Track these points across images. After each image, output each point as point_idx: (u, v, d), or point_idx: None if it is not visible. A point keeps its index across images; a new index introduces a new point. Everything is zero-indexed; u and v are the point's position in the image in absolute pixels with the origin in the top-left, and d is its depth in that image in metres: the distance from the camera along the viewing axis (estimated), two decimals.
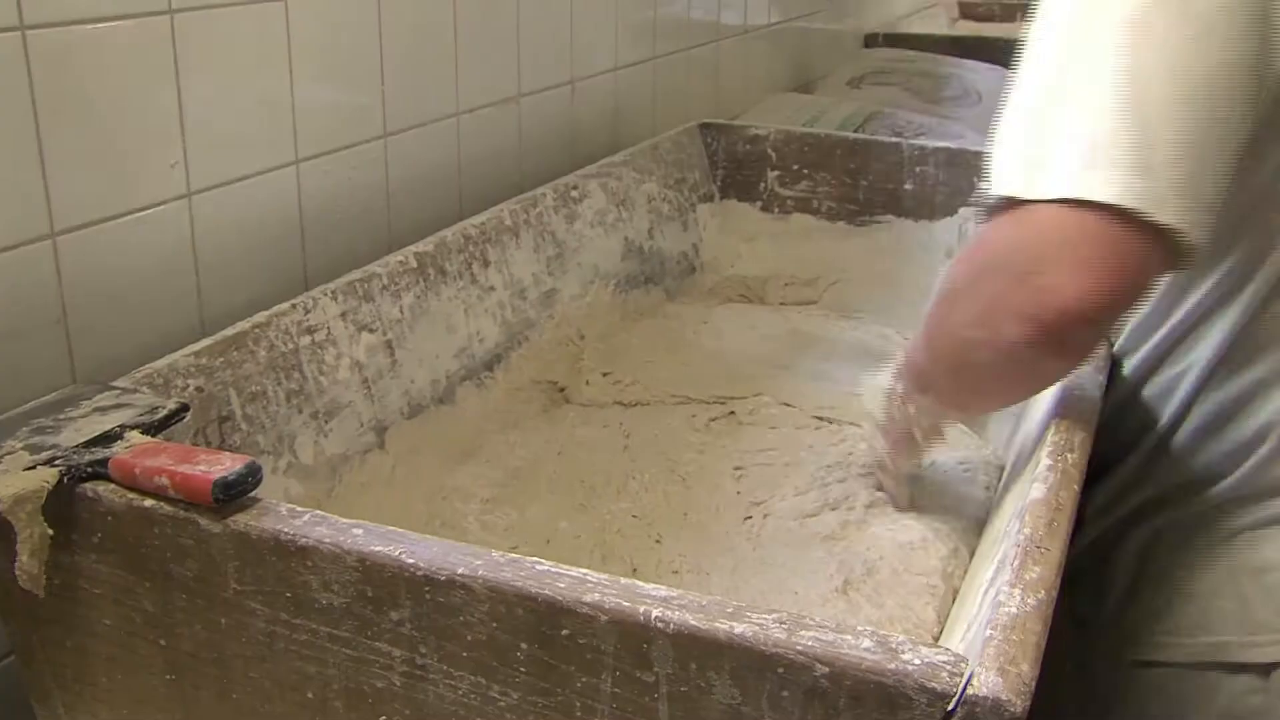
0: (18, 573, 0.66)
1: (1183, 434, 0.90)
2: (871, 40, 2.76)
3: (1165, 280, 0.89)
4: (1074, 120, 0.71)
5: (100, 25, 0.86)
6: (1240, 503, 0.86)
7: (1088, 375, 0.87)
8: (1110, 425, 0.90)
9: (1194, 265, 0.71)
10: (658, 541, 0.94)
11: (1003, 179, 0.74)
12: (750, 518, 0.97)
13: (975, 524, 0.95)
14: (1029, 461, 0.80)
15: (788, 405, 1.16)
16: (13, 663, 0.78)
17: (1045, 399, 0.89)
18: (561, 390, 1.21)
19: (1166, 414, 0.91)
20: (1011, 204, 0.72)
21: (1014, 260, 0.72)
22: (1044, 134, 0.72)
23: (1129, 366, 0.95)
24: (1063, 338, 0.71)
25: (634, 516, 0.98)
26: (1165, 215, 0.68)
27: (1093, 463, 0.78)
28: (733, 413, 1.15)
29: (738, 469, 1.04)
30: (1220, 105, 0.70)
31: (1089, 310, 0.69)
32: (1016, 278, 0.71)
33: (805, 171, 1.61)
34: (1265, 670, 0.84)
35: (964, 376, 0.82)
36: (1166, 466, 0.91)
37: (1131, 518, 0.93)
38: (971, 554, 0.90)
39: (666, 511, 0.98)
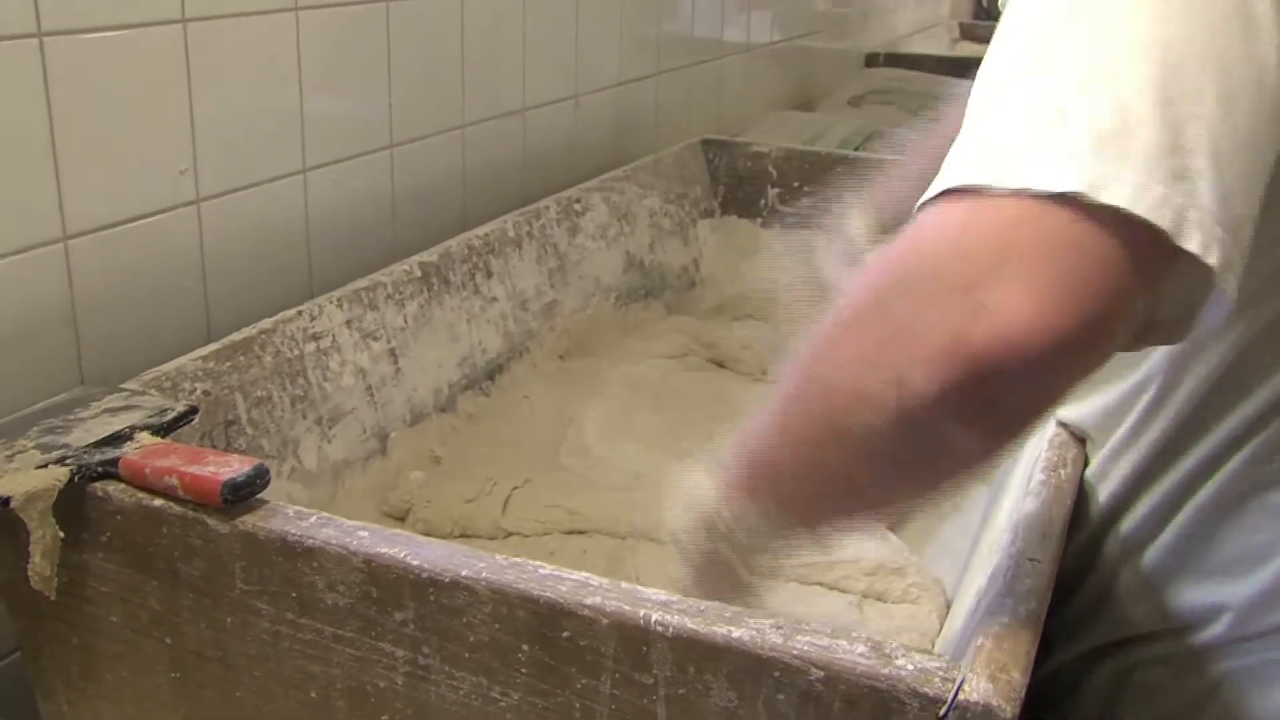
0: (30, 574, 0.67)
1: (1164, 555, 0.75)
2: (873, 60, 2.77)
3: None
4: (1074, 93, 0.48)
5: (115, 33, 0.87)
6: (1233, 645, 0.72)
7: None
8: (1083, 546, 0.78)
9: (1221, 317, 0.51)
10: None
11: (957, 167, 0.50)
12: None
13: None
14: (1023, 475, 0.81)
15: None
16: (19, 659, 0.79)
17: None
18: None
19: (1144, 529, 0.76)
20: (955, 198, 0.49)
21: (945, 270, 0.48)
22: (1024, 109, 0.49)
23: (1105, 491, 0.78)
24: (994, 390, 0.47)
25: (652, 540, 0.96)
26: (1195, 242, 0.46)
27: (1059, 580, 0.66)
28: None
29: None
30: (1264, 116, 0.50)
31: (1040, 344, 0.45)
32: (944, 293, 0.47)
33: (806, 189, 1.62)
34: None
35: (829, 459, 0.54)
36: (1140, 594, 0.76)
37: (1102, 650, 0.79)
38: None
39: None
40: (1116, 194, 0.46)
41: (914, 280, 0.49)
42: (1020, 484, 0.79)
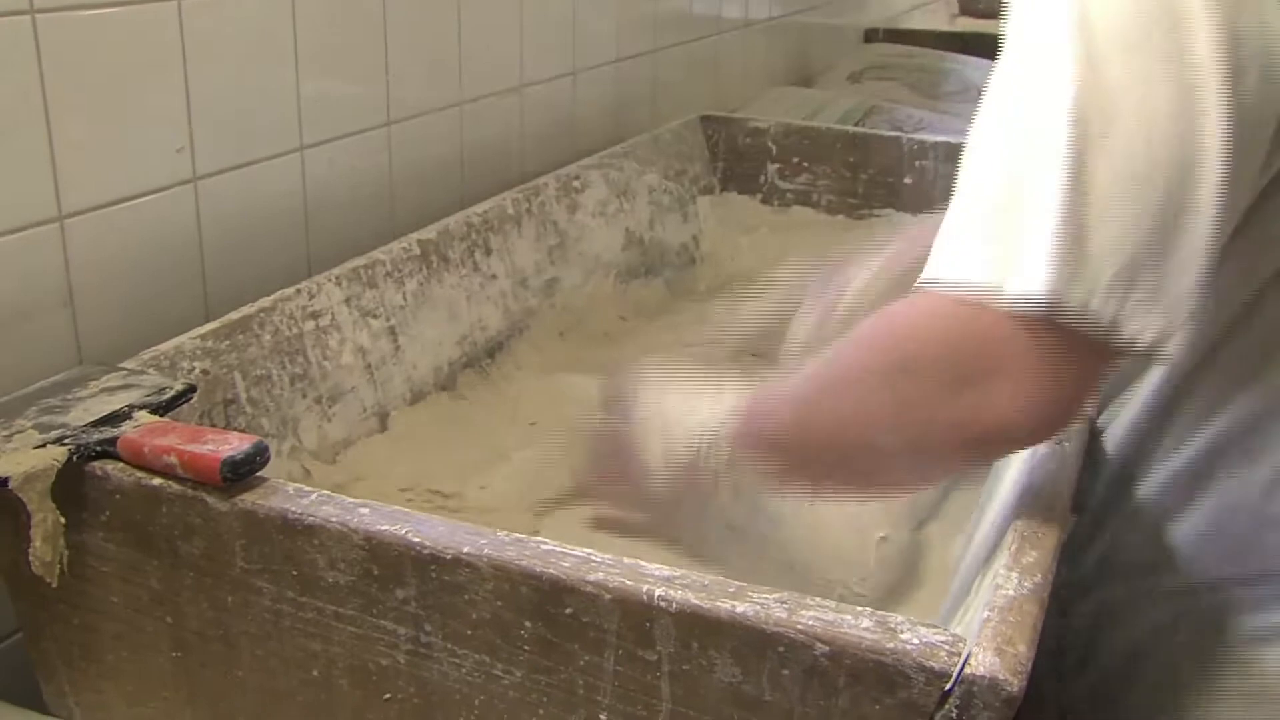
0: (31, 559, 0.66)
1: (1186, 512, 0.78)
2: (872, 35, 2.76)
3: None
4: (1043, 223, 0.57)
5: (109, 10, 0.86)
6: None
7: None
8: (1103, 498, 0.84)
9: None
10: None
11: (949, 260, 0.61)
12: None
13: None
14: None
15: None
16: (19, 640, 0.79)
17: None
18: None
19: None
20: (948, 293, 0.61)
21: (948, 363, 0.61)
22: (1010, 230, 0.59)
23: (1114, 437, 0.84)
24: (998, 450, 0.67)
25: None
26: (1137, 334, 0.57)
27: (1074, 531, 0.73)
28: None
29: None
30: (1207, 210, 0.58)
31: (1033, 427, 0.60)
32: (950, 384, 0.61)
33: (805, 165, 1.62)
34: None
35: (857, 466, 0.69)
36: (1157, 540, 0.80)
37: (1124, 599, 0.83)
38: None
39: None
40: (1074, 308, 0.57)
41: (914, 369, 0.63)
42: (1024, 455, 0.79)
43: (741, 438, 0.74)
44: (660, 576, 0.56)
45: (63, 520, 0.66)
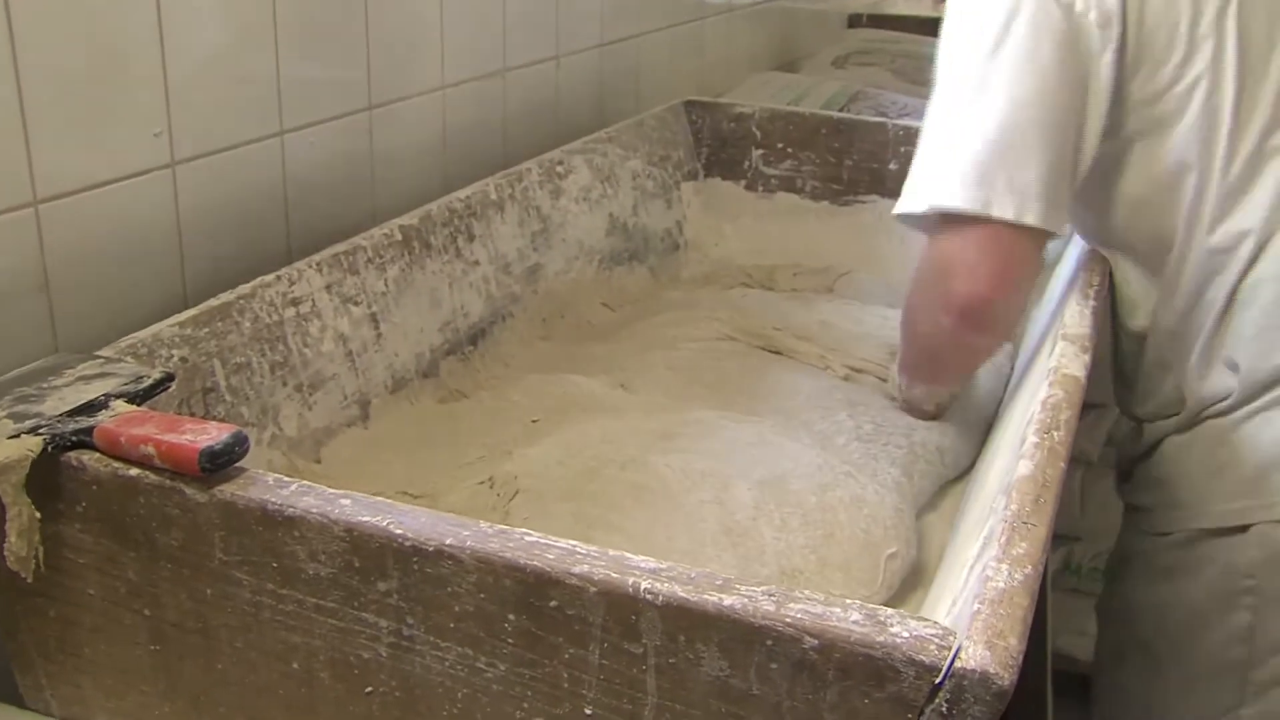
0: (6, 554, 0.65)
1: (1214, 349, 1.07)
2: (855, 20, 2.75)
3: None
4: (956, 151, 0.98)
5: None
6: (1258, 394, 1.04)
7: (1078, 319, 0.96)
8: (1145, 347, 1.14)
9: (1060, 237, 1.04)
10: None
11: (913, 201, 1.01)
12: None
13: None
14: (1016, 436, 0.80)
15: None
16: None
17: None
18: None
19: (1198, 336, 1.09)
20: (931, 220, 1.01)
21: (932, 272, 1.02)
22: (954, 161, 0.98)
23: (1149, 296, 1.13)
24: (978, 320, 0.99)
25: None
26: (1032, 219, 0.95)
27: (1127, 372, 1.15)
28: None
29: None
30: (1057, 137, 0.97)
31: (987, 298, 0.97)
32: (935, 285, 1.01)
33: (790, 150, 1.61)
34: (1274, 523, 1.03)
35: (930, 359, 1.09)
36: (1197, 387, 1.08)
37: (1171, 428, 1.12)
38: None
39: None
40: (950, 203, 0.97)
41: (921, 281, 1.06)
42: (1012, 445, 0.78)
43: (900, 370, 1.14)
44: (646, 569, 0.55)
45: (38, 515, 0.65)
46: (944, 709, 0.51)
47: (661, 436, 0.99)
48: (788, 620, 0.52)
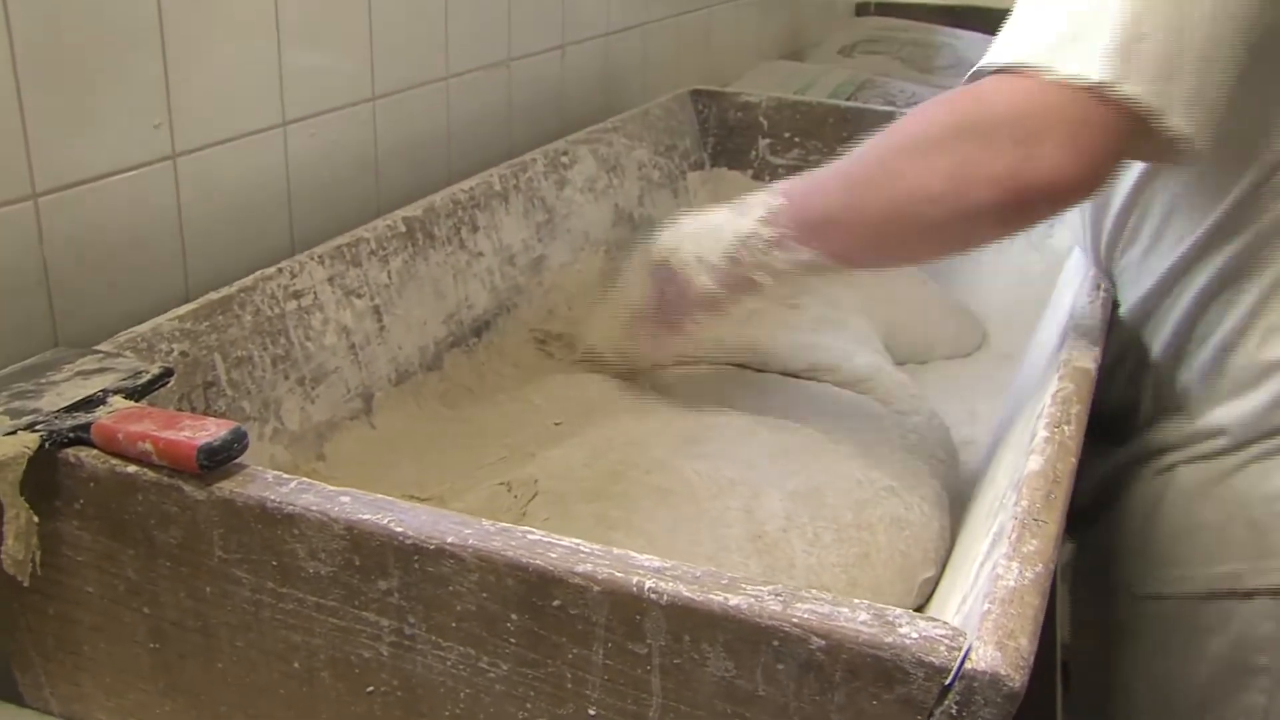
0: (3, 558, 0.65)
1: (1186, 371, 0.94)
2: (863, 9, 2.74)
3: (1161, 215, 0.95)
4: (1112, 9, 0.71)
5: None
6: (1251, 442, 0.90)
7: (1087, 311, 0.92)
8: (1113, 366, 0.97)
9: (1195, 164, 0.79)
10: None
11: (1026, 46, 0.73)
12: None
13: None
14: (1026, 431, 0.79)
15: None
16: None
17: (1040, 367, 0.89)
18: (550, 355, 1.19)
19: (1168, 351, 0.95)
20: (1018, 72, 0.72)
21: (1008, 125, 0.72)
22: (1078, 13, 0.72)
23: (1128, 306, 0.99)
24: (1029, 209, 0.73)
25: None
26: (1177, 120, 0.71)
27: (1100, 408, 0.85)
28: None
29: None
30: (1229, 30, 0.73)
31: (1065, 188, 0.71)
32: (1005, 143, 0.71)
33: (797, 140, 1.60)
34: (1278, 594, 0.88)
35: (891, 227, 0.79)
36: (1174, 409, 0.95)
37: (1142, 458, 0.97)
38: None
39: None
40: (1130, 89, 0.69)
41: (982, 127, 0.73)
42: (1022, 440, 0.77)
43: (787, 218, 0.83)
44: (650, 568, 0.55)
45: (36, 519, 0.64)
46: (954, 711, 0.50)
47: (690, 440, 0.94)
48: (794, 620, 0.51)
